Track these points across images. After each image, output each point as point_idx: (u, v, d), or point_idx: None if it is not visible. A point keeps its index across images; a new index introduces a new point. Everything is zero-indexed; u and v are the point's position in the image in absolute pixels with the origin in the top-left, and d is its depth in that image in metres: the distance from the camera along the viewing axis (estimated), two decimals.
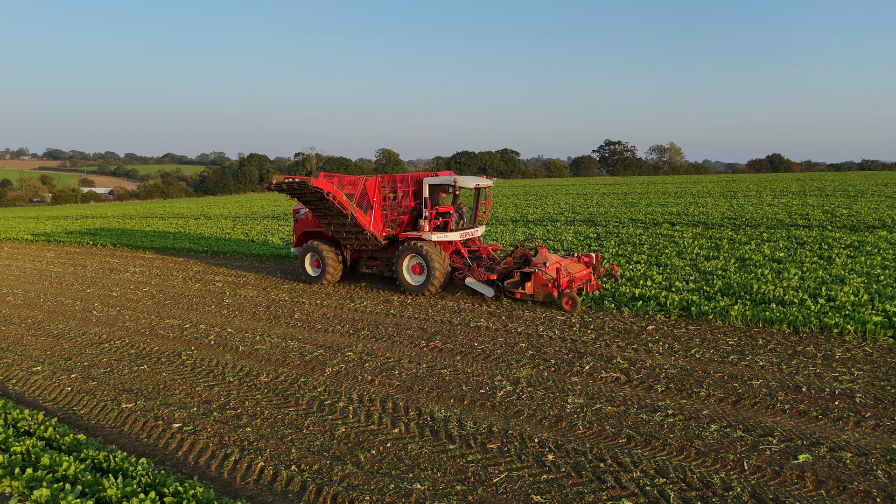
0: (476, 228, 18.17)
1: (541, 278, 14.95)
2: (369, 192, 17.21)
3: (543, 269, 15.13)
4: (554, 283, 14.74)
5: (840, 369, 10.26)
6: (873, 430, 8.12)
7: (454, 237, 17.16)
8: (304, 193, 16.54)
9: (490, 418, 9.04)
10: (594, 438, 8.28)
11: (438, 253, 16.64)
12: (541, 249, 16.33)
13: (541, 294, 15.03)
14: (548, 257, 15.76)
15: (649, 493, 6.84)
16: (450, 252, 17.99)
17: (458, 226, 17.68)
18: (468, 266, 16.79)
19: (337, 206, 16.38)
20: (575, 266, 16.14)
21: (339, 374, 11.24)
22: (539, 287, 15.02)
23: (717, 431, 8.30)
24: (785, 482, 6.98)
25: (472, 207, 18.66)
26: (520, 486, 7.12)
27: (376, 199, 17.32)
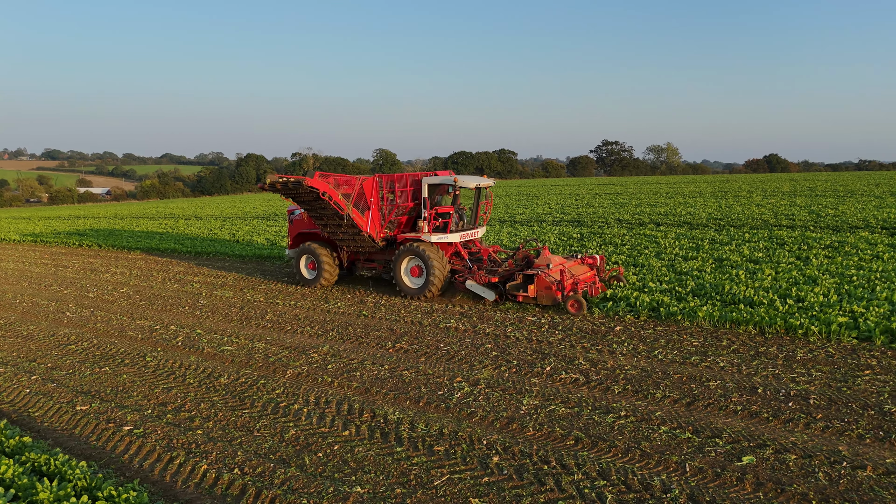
0: (476, 229, 17.79)
1: (544, 281, 14.55)
2: (366, 192, 16.81)
3: (547, 271, 14.68)
4: (558, 286, 14.38)
5: (799, 370, 10.23)
6: (822, 432, 8.09)
7: (454, 238, 16.72)
8: (299, 194, 16.13)
9: (443, 420, 9.00)
10: (543, 440, 8.25)
11: (438, 255, 16.20)
12: (543, 251, 15.85)
13: (544, 297, 14.60)
14: (551, 259, 15.28)
15: (587, 496, 6.81)
16: (449, 254, 17.49)
17: (458, 227, 17.25)
18: (468, 268, 16.42)
19: (333, 206, 15.99)
20: (578, 268, 15.72)
21: (300, 375, 11.19)
22: (542, 290, 14.61)
23: (666, 433, 8.26)
24: (724, 484, 6.95)
25: (472, 208, 18.24)
26: (460, 489, 7.08)
27: (374, 200, 16.93)
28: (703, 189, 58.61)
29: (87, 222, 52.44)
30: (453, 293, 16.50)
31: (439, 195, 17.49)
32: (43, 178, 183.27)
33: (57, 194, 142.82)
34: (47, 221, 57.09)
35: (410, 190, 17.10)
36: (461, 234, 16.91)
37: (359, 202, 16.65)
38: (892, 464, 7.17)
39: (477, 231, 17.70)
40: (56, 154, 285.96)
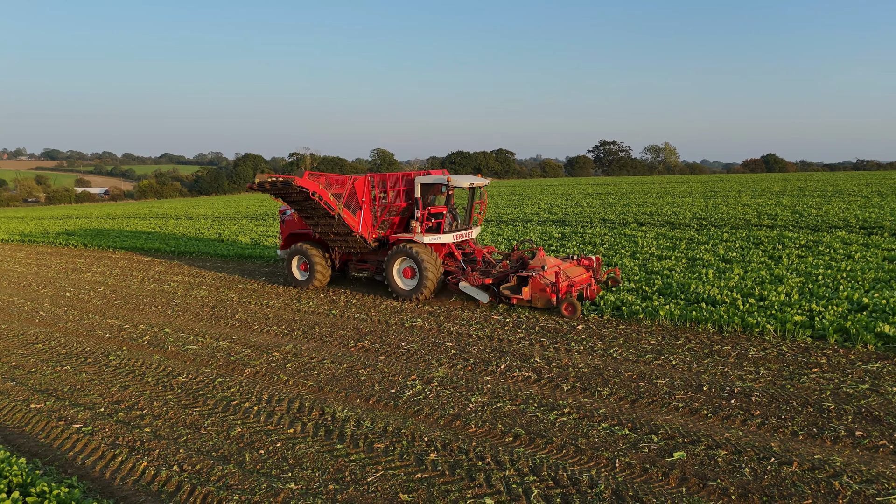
0: (471, 230, 17.46)
1: (539, 283, 14.21)
2: (358, 192, 16.53)
3: (541, 272, 14.33)
4: (553, 288, 14.05)
5: (748, 368, 10.33)
6: (757, 429, 8.19)
7: (447, 239, 16.41)
8: (289, 194, 15.86)
9: (389, 418, 9.10)
10: (483, 437, 8.35)
11: (430, 256, 15.89)
12: (539, 252, 15.57)
13: (539, 299, 14.27)
14: (546, 260, 15.00)
15: (514, 491, 6.90)
16: (443, 255, 17.13)
17: (452, 227, 16.94)
18: (462, 270, 16.19)
19: (323, 206, 15.73)
20: (574, 269, 15.38)
21: (257, 374, 11.29)
22: (537, 292, 14.25)
23: (604, 430, 8.36)
24: (650, 479, 7.05)
25: (466, 208, 17.96)
26: (391, 485, 7.18)
27: (365, 200, 16.64)
28: (695, 189, 58.71)
29: (78, 222, 52.52)
30: (447, 295, 16.33)
31: (433, 195, 17.27)
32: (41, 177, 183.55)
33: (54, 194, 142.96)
34: (39, 221, 57.18)
35: (403, 190, 16.84)
36: (455, 234, 16.63)
37: (350, 202, 16.40)
38: (819, 460, 7.27)
39: (471, 231, 17.43)
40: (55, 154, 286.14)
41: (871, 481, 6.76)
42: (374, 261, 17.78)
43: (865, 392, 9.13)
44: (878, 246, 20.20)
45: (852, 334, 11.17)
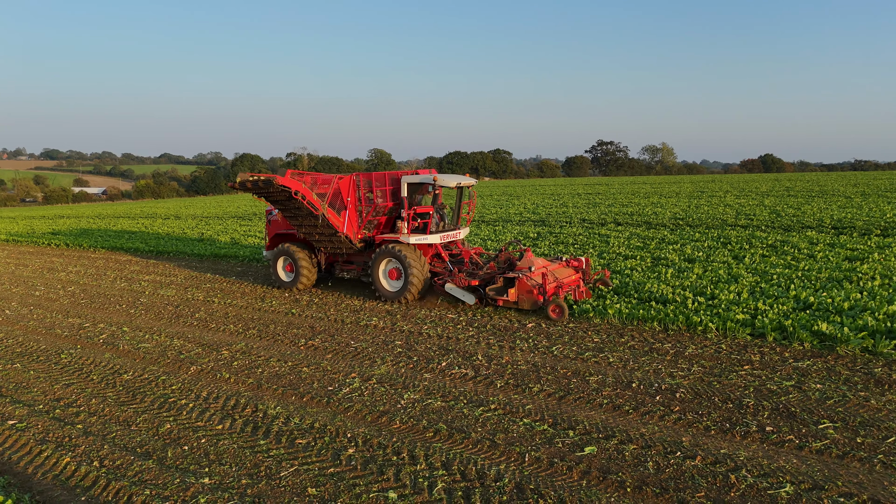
0: (459, 230, 17.06)
1: (525, 284, 13.88)
2: (343, 192, 16.23)
3: (528, 274, 14.02)
4: (539, 290, 13.73)
5: (682, 365, 10.47)
6: (673, 424, 8.33)
7: (434, 240, 16.01)
8: (271, 193, 15.48)
9: (320, 415, 9.24)
10: (405, 433, 8.48)
11: (417, 257, 15.55)
12: (526, 253, 15.33)
13: (525, 301, 13.96)
14: (534, 261, 14.76)
15: (419, 485, 7.04)
16: (430, 256, 16.76)
17: (439, 227, 16.61)
18: (449, 271, 15.89)
19: (307, 206, 15.40)
20: (563, 271, 15.08)
21: (202, 372, 11.43)
22: (523, 294, 13.95)
23: (524, 425, 8.50)
24: (554, 473, 7.19)
25: (453, 208, 17.61)
26: (302, 480, 7.31)
27: (351, 199, 16.39)
28: (684, 189, 58.84)
29: (68, 222, 52.67)
30: (435, 296, 16.03)
31: (420, 195, 16.92)
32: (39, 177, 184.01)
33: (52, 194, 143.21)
34: (30, 221, 57.33)
35: (390, 189, 16.47)
36: (442, 235, 16.24)
37: (335, 202, 16.13)
38: (724, 454, 7.41)
39: (459, 232, 17.02)
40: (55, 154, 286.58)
41: (768, 475, 6.90)
42: (360, 262, 17.49)
43: (788, 389, 9.27)
44: (844, 245, 20.33)
45: (790, 333, 11.30)
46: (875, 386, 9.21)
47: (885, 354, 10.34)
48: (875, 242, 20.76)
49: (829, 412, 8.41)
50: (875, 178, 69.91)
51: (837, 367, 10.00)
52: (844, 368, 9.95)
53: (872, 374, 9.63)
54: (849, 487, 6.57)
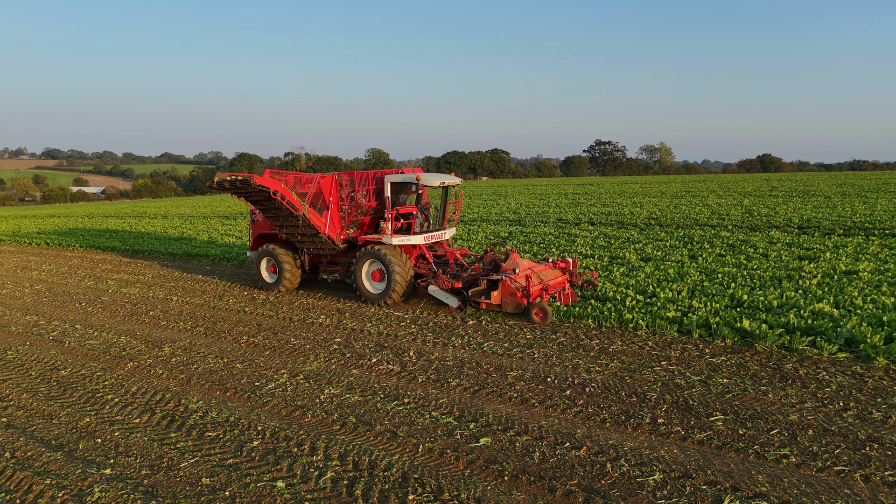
0: (444, 231, 16.74)
1: (509, 286, 13.54)
2: (325, 192, 15.90)
3: (512, 276, 13.72)
4: (523, 292, 13.41)
5: (602, 361, 10.70)
6: (573, 417, 8.57)
7: (418, 240, 15.73)
8: (250, 193, 15.18)
9: (238, 409, 9.47)
10: (313, 426, 8.72)
11: (400, 258, 15.23)
12: (512, 254, 14.97)
13: (509, 304, 13.64)
14: (519, 263, 14.36)
15: (309, 475, 7.28)
16: (414, 257, 16.51)
17: (423, 228, 16.29)
18: (433, 273, 15.59)
19: (287, 206, 15.13)
20: (549, 272, 14.76)
21: (138, 368, 11.67)
22: (507, 296, 13.63)
23: (430, 419, 8.74)
24: (443, 463, 7.42)
25: (438, 208, 17.31)
26: (199, 470, 7.55)
27: (333, 199, 16.02)
28: (671, 189, 59.05)
29: (57, 221, 52.98)
30: (418, 298, 15.88)
31: (405, 195, 16.57)
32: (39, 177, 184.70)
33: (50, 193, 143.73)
34: (20, 220, 57.65)
35: (373, 189, 16.18)
36: (426, 235, 15.94)
37: (316, 202, 15.80)
38: (610, 444, 7.64)
39: (444, 233, 16.70)
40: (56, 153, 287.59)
41: (643, 464, 7.14)
42: (344, 263, 17.17)
43: (694, 383, 9.50)
44: (801, 245, 20.54)
45: (714, 330, 11.52)
46: (779, 381, 9.44)
47: (800, 351, 10.56)
48: (834, 242, 20.98)
49: (725, 405, 8.64)
50: (865, 178, 70.10)
51: (749, 363, 10.23)
52: (756, 364, 10.18)
53: (780, 370, 9.87)
54: (716, 476, 6.80)
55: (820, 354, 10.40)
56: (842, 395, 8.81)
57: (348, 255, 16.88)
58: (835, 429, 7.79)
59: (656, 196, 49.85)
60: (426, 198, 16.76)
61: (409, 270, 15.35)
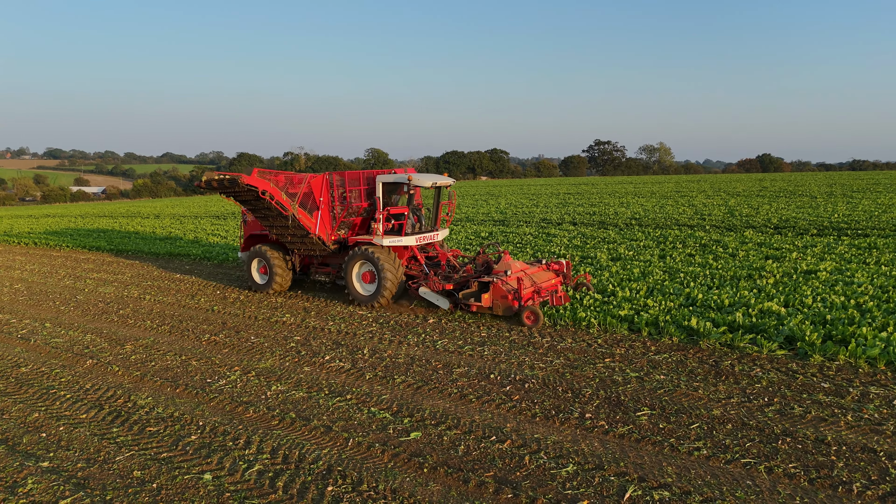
0: (436, 232, 16.54)
1: (500, 289, 13.21)
2: (315, 192, 15.69)
3: (504, 278, 13.47)
4: (515, 295, 13.14)
5: (548, 358, 10.91)
6: (506, 411, 8.78)
7: (409, 241, 15.47)
8: (238, 192, 14.97)
9: (185, 405, 9.68)
10: (254, 421, 8.93)
11: (391, 259, 15.03)
12: (504, 256, 14.69)
13: (500, 307, 13.31)
14: (511, 265, 14.12)
15: (236, 468, 7.50)
16: (406, 258, 16.24)
17: (415, 229, 16.14)
18: (425, 274, 15.38)
19: (276, 206, 14.94)
20: (542, 274, 14.53)
21: (97, 365, 11.89)
22: (498, 299, 13.30)
23: (368, 414, 8.95)
24: (369, 456, 7.63)
25: (430, 209, 17.07)
26: (132, 464, 7.76)
27: (323, 199, 15.82)
28: (662, 190, 59.20)
29: (50, 220, 53.25)
30: (408, 300, 15.53)
31: (397, 195, 16.33)
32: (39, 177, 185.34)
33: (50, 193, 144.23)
34: (15, 220, 57.92)
35: (364, 189, 15.93)
36: (417, 236, 15.72)
37: (306, 202, 15.60)
38: (535, 438, 7.85)
39: (436, 234, 16.50)
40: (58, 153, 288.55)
41: (561, 456, 7.35)
42: (335, 264, 16.98)
43: (631, 379, 9.71)
44: (771, 245, 20.73)
45: (661, 328, 11.72)
46: (713, 377, 9.65)
47: (741, 348, 10.77)
48: (805, 242, 21.16)
49: (654, 401, 8.85)
50: (859, 178, 70.22)
51: (689, 360, 10.43)
52: (695, 361, 10.38)
53: (717, 367, 10.07)
54: (627, 468, 7.01)
55: (760, 352, 10.59)
56: (769, 391, 9.01)
57: (340, 256, 16.72)
58: (753, 423, 7.98)
59: (646, 196, 50.03)
60: (419, 199, 16.65)
61: (399, 272, 15.18)
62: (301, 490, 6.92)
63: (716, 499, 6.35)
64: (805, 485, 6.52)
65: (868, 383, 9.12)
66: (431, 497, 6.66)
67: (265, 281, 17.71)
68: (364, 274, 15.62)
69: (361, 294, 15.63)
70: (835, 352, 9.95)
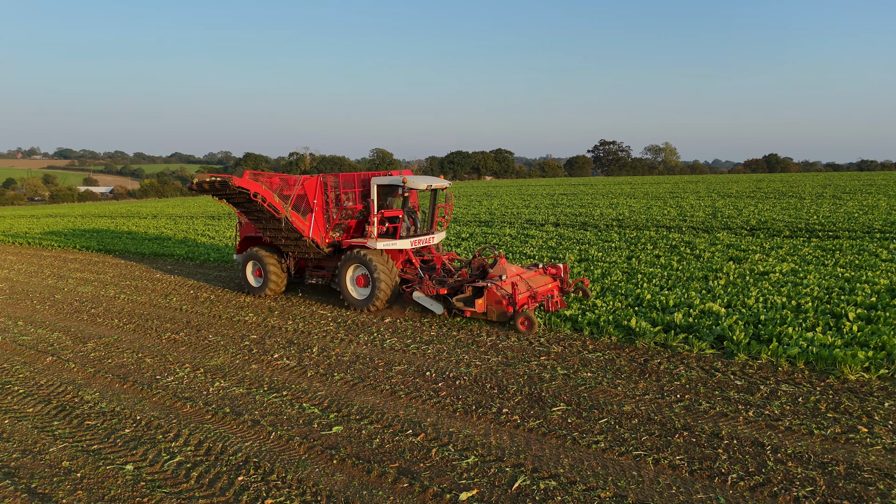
0: (432, 235, 16.29)
1: (494, 294, 12.94)
2: (309, 194, 15.50)
3: (499, 283, 13.23)
4: (509, 300, 12.91)
5: (487, 356, 11.25)
6: (430, 406, 9.13)
7: (404, 245, 15.21)
8: (230, 195, 14.80)
9: (129, 400, 10.07)
10: (188, 416, 9.30)
11: (385, 263, 14.78)
12: (500, 260, 14.48)
13: (494, 312, 13.03)
14: (506, 269, 13.90)
15: (159, 459, 7.88)
16: (401, 261, 16.06)
17: (409, 232, 15.91)
18: (420, 278, 15.12)
19: (268, 209, 14.79)
20: (539, 279, 14.25)
21: (56, 361, 12.31)
22: (492, 304, 13.00)
23: (298, 409, 9.31)
24: (287, 448, 8.01)
25: (426, 211, 16.89)
26: (63, 455, 8.15)
27: (317, 202, 15.63)
28: (656, 190, 59.33)
29: (51, 220, 53.93)
30: (403, 305, 15.29)
31: (392, 197, 15.96)
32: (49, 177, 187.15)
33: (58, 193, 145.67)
34: (17, 219, 58.66)
35: (359, 191, 15.80)
36: (413, 240, 15.45)
37: (299, 204, 15.43)
38: (450, 432, 8.19)
39: (432, 237, 16.24)
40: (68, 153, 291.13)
41: (469, 448, 7.71)
42: (331, 267, 16.73)
43: (558, 377, 10.05)
44: (738, 246, 20.99)
45: (601, 327, 12.03)
46: (637, 375, 9.98)
47: (674, 347, 11.07)
48: (773, 243, 21.39)
49: (574, 397, 9.18)
50: (857, 178, 70.06)
51: (619, 359, 10.76)
52: (625, 360, 10.71)
53: (644, 365, 10.39)
54: (525, 460, 7.36)
55: (690, 351, 10.89)
56: (685, 388, 9.32)
57: (335, 259, 16.47)
58: (658, 418, 8.31)
59: (638, 197, 50.20)
60: (414, 201, 16.42)
61: (394, 276, 14.91)
62: (213, 480, 7.29)
63: (598, 487, 6.68)
64: (685, 475, 6.84)
65: (782, 381, 9.42)
66: (334, 486, 7.03)
67: (260, 284, 17.56)
68: (358, 278, 15.38)
69: (356, 298, 15.39)
70: (758, 351, 10.24)
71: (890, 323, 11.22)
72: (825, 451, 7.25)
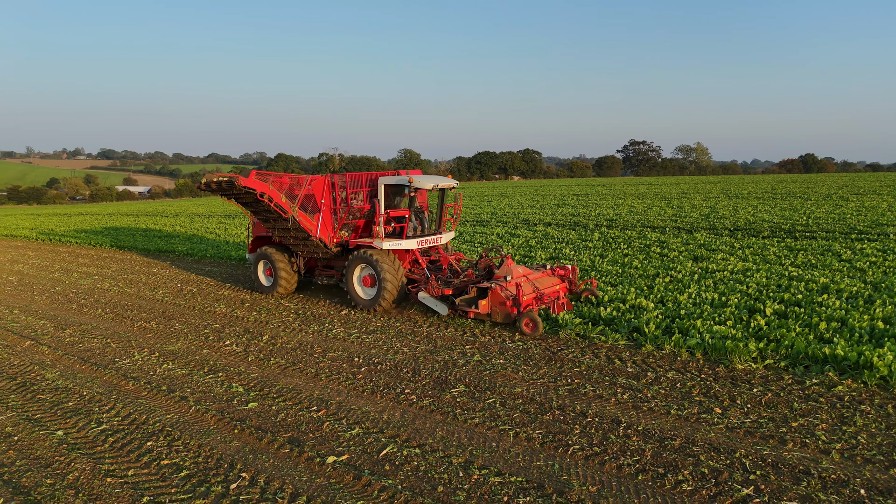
0: (440, 235, 16.21)
1: (499, 295, 12.77)
2: (316, 194, 15.61)
3: (504, 283, 13.01)
4: (514, 302, 12.74)
5: (416, 344, 12.04)
6: (344, 388, 9.97)
7: (410, 245, 15.21)
8: (237, 194, 15.02)
9: (83, 378, 11.11)
10: (127, 393, 10.29)
11: (391, 263, 14.77)
12: (506, 260, 14.37)
13: (499, 314, 12.86)
14: (512, 270, 13.73)
15: (86, 427, 8.88)
16: (407, 261, 16.08)
17: (416, 232, 15.87)
18: (426, 278, 15.06)
19: (275, 208, 14.88)
20: (546, 280, 14.09)
21: (32, 345, 13.45)
22: (496, 305, 12.85)
23: (226, 388, 10.24)
24: (200, 420, 8.92)
25: (433, 211, 16.86)
26: (8, 422, 9.20)
27: (325, 201, 15.74)
28: (669, 191, 59.20)
29: (78, 219, 56.17)
30: (409, 304, 15.33)
31: (400, 197, 15.96)
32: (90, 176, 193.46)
33: (97, 192, 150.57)
34: (48, 217, 61.20)
35: (367, 191, 15.80)
36: (419, 239, 15.42)
37: (307, 204, 15.55)
38: (350, 409, 9.02)
39: (440, 237, 16.15)
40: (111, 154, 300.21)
41: (359, 422, 8.52)
42: (340, 266, 16.72)
43: (471, 362, 10.80)
44: (708, 246, 21.40)
45: (560, 325, 12.59)
46: (544, 362, 10.67)
47: (592, 338, 11.74)
48: (746, 244, 21.73)
49: (474, 380, 9.93)
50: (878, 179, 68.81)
51: (535, 348, 11.45)
52: (540, 348, 11.40)
53: (554, 354, 11.08)
54: (403, 432, 8.16)
55: (605, 342, 11.54)
56: (581, 374, 10.00)
57: (344, 258, 16.48)
58: (540, 399, 9.03)
59: (648, 197, 50.28)
60: (423, 201, 16.43)
61: (400, 276, 14.83)
62: (124, 445, 8.26)
63: (453, 455, 7.45)
64: (536, 447, 7.58)
65: (672, 370, 10.03)
66: (226, 450, 7.93)
67: (270, 283, 17.67)
68: (364, 278, 15.38)
69: (362, 298, 15.38)
70: (662, 342, 10.85)
71: (801, 318, 11.70)
72: (672, 428, 7.91)
